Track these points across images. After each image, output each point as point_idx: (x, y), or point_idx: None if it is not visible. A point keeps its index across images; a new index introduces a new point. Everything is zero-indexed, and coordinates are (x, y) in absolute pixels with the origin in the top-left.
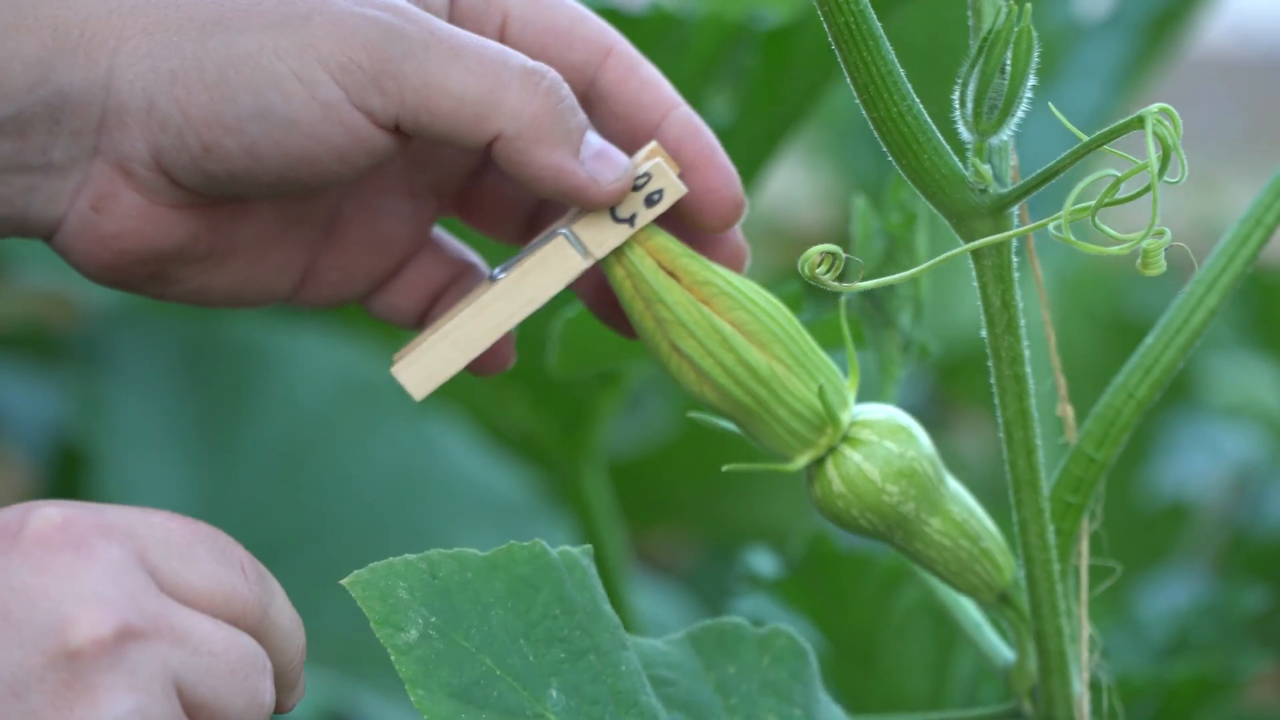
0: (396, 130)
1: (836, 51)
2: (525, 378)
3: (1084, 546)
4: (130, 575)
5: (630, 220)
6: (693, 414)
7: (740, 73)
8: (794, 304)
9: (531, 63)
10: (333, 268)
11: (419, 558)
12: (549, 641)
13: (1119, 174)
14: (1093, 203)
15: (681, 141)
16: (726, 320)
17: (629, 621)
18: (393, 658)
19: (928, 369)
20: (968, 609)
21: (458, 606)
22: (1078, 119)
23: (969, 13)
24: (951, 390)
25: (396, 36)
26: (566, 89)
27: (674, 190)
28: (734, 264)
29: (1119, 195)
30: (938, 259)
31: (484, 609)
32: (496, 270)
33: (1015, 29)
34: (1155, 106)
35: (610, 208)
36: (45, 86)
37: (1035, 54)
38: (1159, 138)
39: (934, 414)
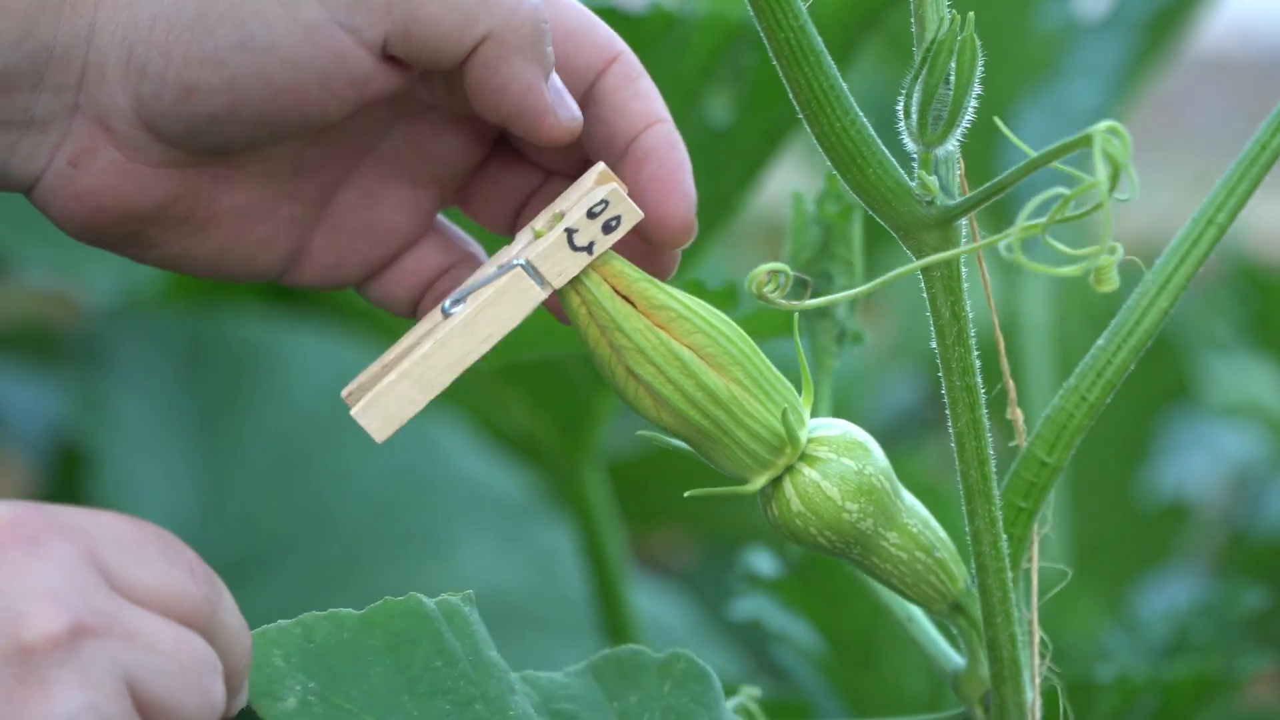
0: (383, 55)
1: (777, 67)
2: (525, 378)
3: (1034, 551)
4: (82, 573)
5: (589, 248)
6: (643, 433)
7: (740, 73)
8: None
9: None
10: (327, 251)
11: (293, 623)
12: (433, 694)
13: (1068, 191)
14: (1043, 219)
15: (651, 154)
16: (684, 344)
17: (629, 622)
18: None
19: (926, 369)
20: (913, 614)
21: (336, 668)
22: (1078, 118)
23: (912, 21)
24: None
25: None
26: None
27: (631, 215)
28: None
29: (1076, 211)
30: (888, 276)
31: (363, 668)
32: (447, 303)
33: (959, 38)
34: (1103, 125)
35: (569, 237)
36: (30, 41)
37: (979, 64)
38: (1109, 155)
39: (933, 414)
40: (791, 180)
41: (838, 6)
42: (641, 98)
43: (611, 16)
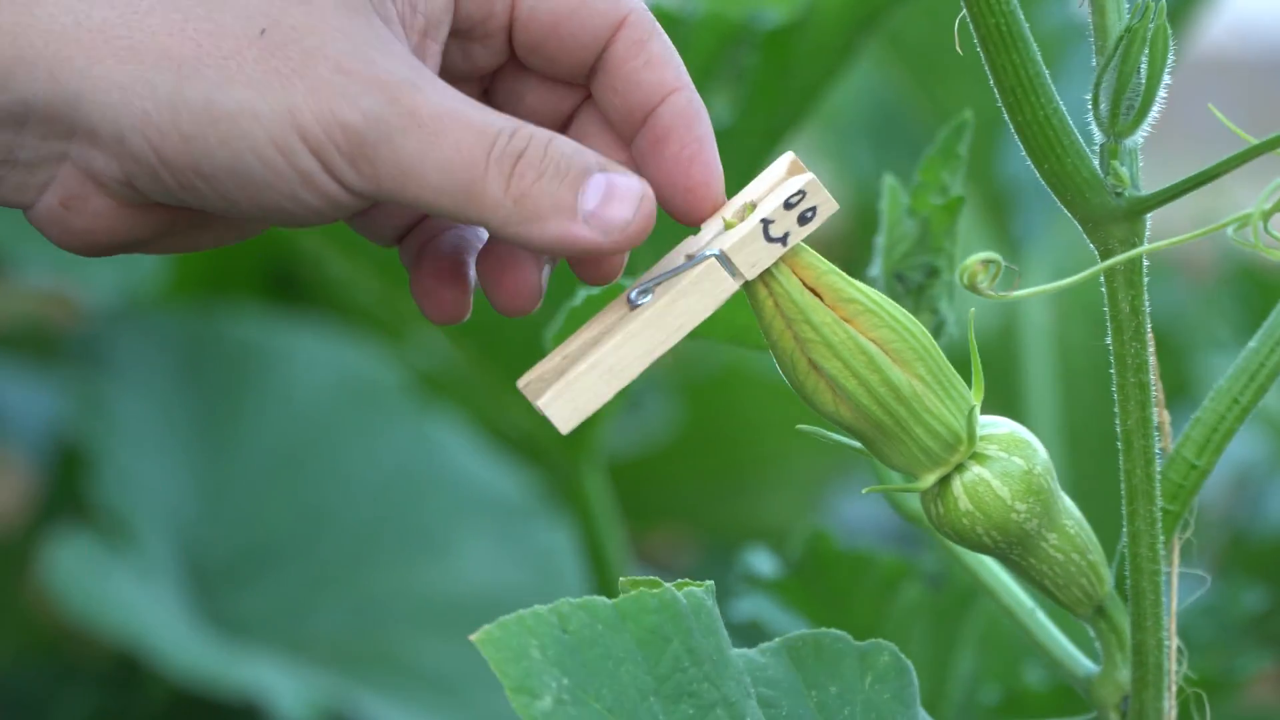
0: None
1: (982, 54)
2: None
3: (1175, 556)
4: None
5: (783, 239)
6: (803, 426)
7: (740, 73)
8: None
9: (513, 136)
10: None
11: (549, 610)
12: (678, 697)
13: None
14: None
15: (670, 132)
16: (870, 339)
17: None
18: None
19: None
20: (1040, 619)
21: (589, 664)
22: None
23: (1089, 9)
24: None
25: (374, 121)
26: (555, 145)
27: (828, 207)
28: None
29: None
30: (1091, 270)
31: (614, 665)
32: (632, 293)
33: (1151, 25)
34: None
35: (765, 228)
36: (6, 94)
37: (1171, 53)
38: None
39: None
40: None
41: (838, 6)
42: (654, 66)
43: None
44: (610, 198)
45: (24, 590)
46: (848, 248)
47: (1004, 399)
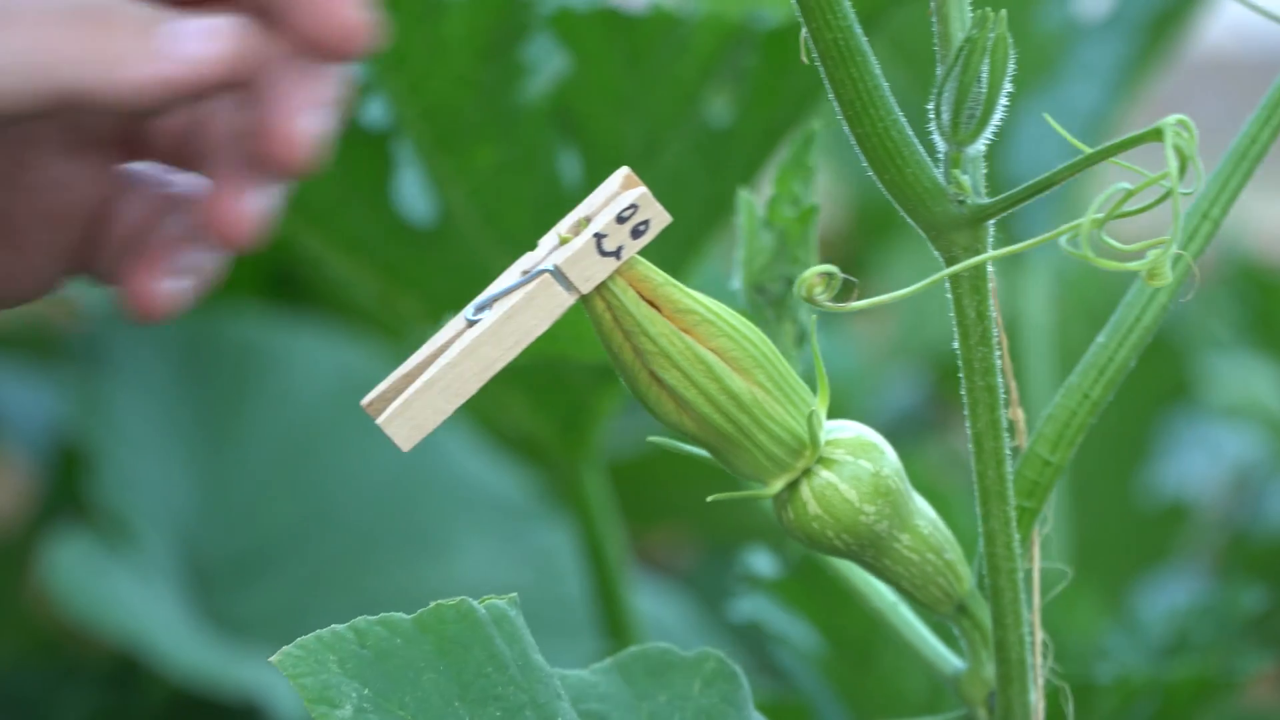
0: None
1: (821, 68)
2: (525, 378)
3: (1035, 551)
4: None
5: (617, 253)
6: (654, 439)
7: (740, 73)
8: None
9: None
10: (18, 267)
11: (346, 627)
12: (484, 700)
13: (1131, 186)
14: (1103, 215)
15: None
16: (709, 348)
17: (629, 622)
18: None
19: (926, 369)
20: (909, 618)
21: (390, 674)
22: (1076, 119)
23: (932, 18)
24: (950, 390)
25: None
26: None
27: (660, 220)
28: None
29: (1131, 207)
30: (927, 281)
31: (416, 674)
32: (469, 310)
33: (991, 36)
34: (1173, 118)
35: (598, 242)
36: None
37: (1011, 61)
38: (1176, 149)
39: (933, 414)
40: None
41: None
42: None
43: (611, 17)
44: (187, 34)
45: (24, 590)
46: (849, 247)
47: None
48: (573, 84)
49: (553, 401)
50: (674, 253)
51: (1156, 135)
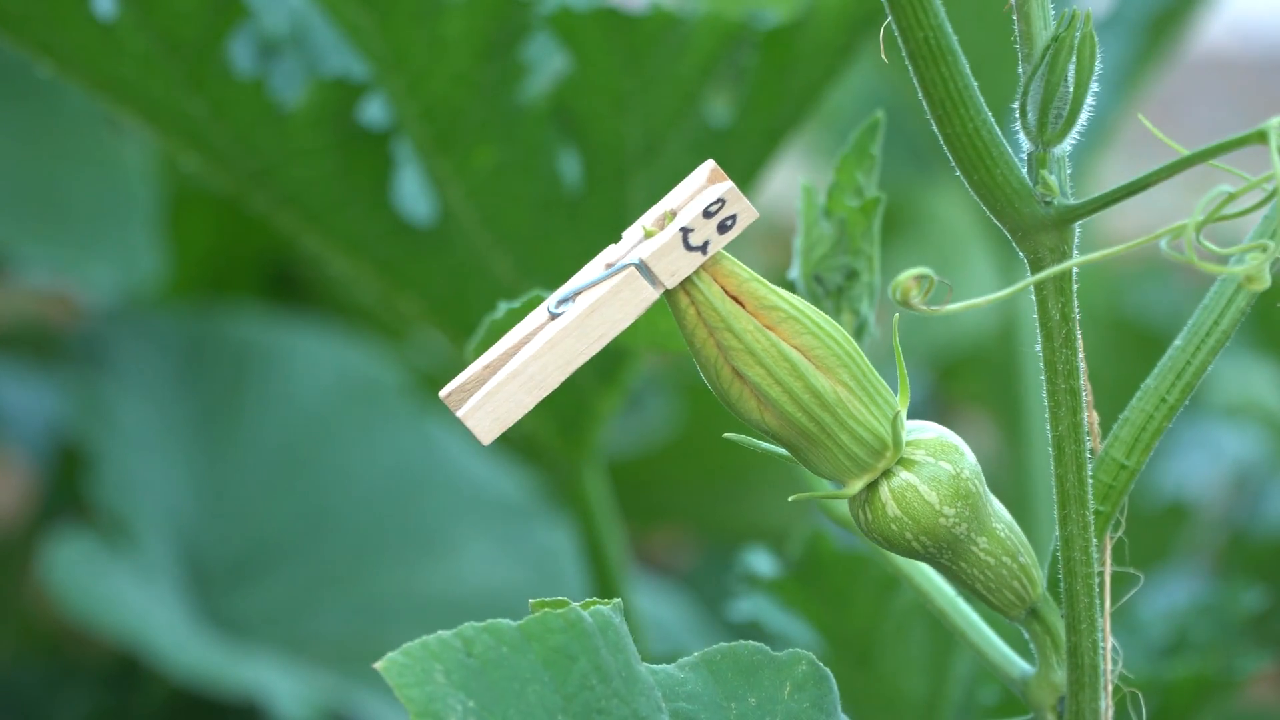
0: None
1: (911, 68)
2: None
3: (1107, 556)
4: None
5: (703, 248)
6: (730, 435)
7: (740, 73)
8: None
9: None
10: None
11: (453, 634)
12: (586, 714)
13: (1232, 189)
14: (1203, 217)
15: None
16: (793, 346)
17: (629, 622)
18: None
19: (926, 369)
20: (975, 622)
21: (495, 686)
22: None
23: (1014, 17)
24: (951, 390)
25: None
26: None
27: (747, 215)
28: None
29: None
30: (1022, 284)
31: (521, 685)
32: (552, 303)
33: (1078, 34)
34: (1276, 120)
35: (684, 236)
36: None
37: (1099, 61)
38: None
39: (933, 414)
40: (792, 180)
41: (838, 6)
42: None
43: (611, 17)
44: None
45: (24, 590)
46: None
47: (1004, 400)
48: (572, 84)
49: (553, 401)
50: None
51: (1261, 137)
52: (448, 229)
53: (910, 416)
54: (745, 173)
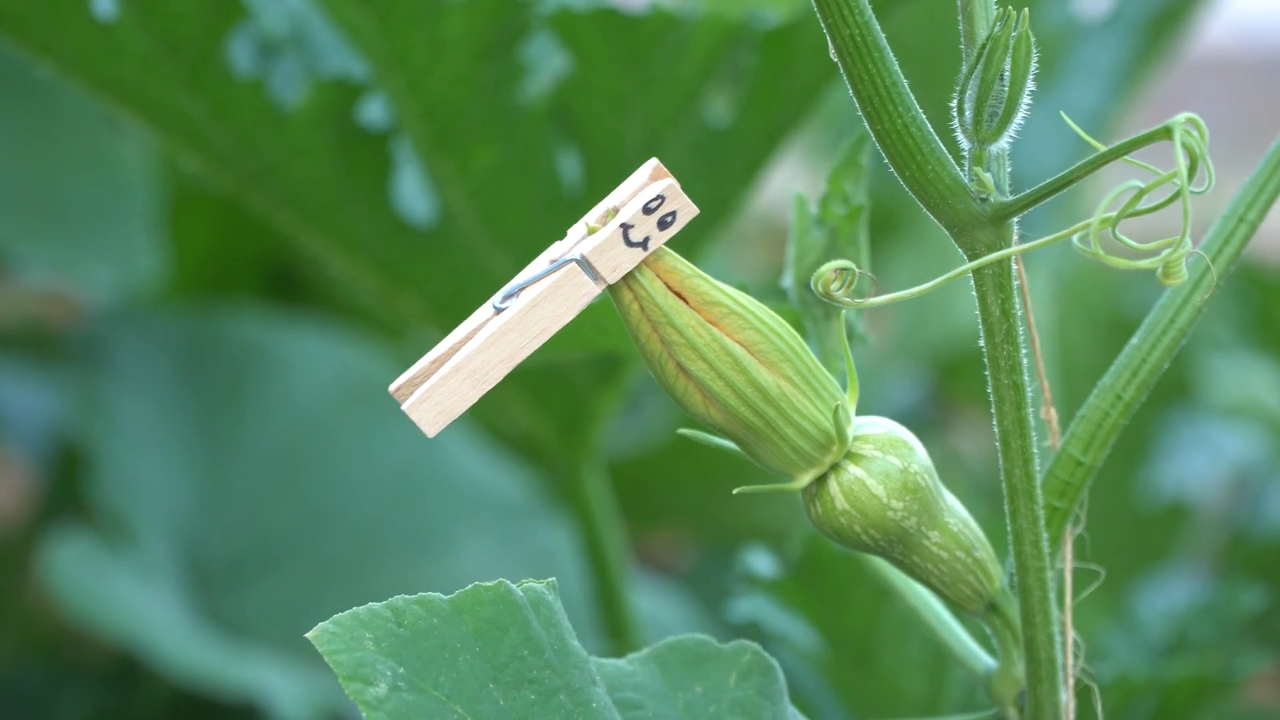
0: None
1: (840, 64)
2: (525, 378)
3: (1068, 551)
4: None
5: (644, 244)
6: (685, 431)
7: (740, 73)
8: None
9: None
10: None
11: (384, 605)
12: (518, 684)
13: (1143, 185)
14: (1114, 213)
15: None
16: (736, 341)
17: (629, 622)
18: (364, 714)
19: (926, 369)
20: (941, 615)
21: (425, 654)
22: (1077, 119)
23: (960, 17)
24: (950, 390)
25: None
26: None
27: (687, 211)
28: None
29: (1142, 206)
30: (948, 275)
31: (452, 655)
32: (497, 298)
33: (1014, 34)
34: (1182, 116)
35: (624, 232)
36: None
37: (1034, 59)
38: (1185, 147)
39: (933, 414)
40: (792, 180)
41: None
42: None
43: (611, 17)
44: None
45: (24, 590)
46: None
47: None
48: (572, 84)
49: (553, 401)
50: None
51: (1166, 134)
52: (448, 229)
53: (910, 416)
54: (745, 173)
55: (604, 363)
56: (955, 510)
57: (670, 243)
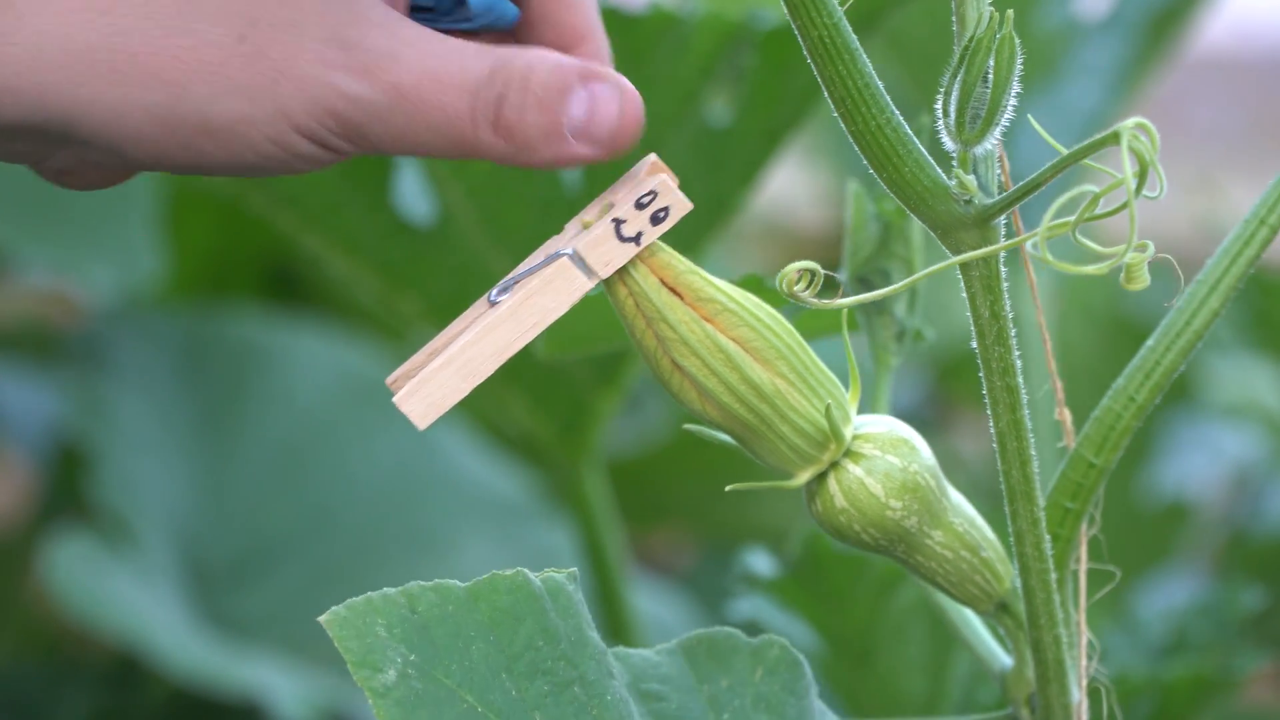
0: None
1: (813, 65)
2: (525, 378)
3: (1083, 552)
4: None
5: (636, 239)
6: (689, 426)
7: (740, 73)
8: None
9: (491, 79)
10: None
11: (398, 591)
12: (532, 674)
13: (1096, 189)
14: (1073, 218)
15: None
16: (730, 338)
17: (629, 622)
18: (370, 701)
19: (926, 369)
20: (964, 613)
21: (438, 642)
22: (1077, 119)
23: (953, 18)
24: (950, 390)
25: (361, 104)
26: (533, 77)
27: (680, 207)
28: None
29: (1103, 209)
30: (924, 272)
31: (465, 643)
32: (493, 292)
33: (998, 36)
34: (1131, 121)
35: (617, 227)
36: None
37: (1018, 61)
38: (1135, 153)
39: (933, 414)
40: (791, 180)
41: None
42: (574, 9)
43: (611, 17)
44: (594, 110)
45: (24, 590)
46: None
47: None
48: None
49: (553, 401)
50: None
51: (1114, 139)
52: (448, 229)
53: (910, 416)
54: (745, 173)
55: (604, 362)
56: (960, 509)
57: (670, 243)
